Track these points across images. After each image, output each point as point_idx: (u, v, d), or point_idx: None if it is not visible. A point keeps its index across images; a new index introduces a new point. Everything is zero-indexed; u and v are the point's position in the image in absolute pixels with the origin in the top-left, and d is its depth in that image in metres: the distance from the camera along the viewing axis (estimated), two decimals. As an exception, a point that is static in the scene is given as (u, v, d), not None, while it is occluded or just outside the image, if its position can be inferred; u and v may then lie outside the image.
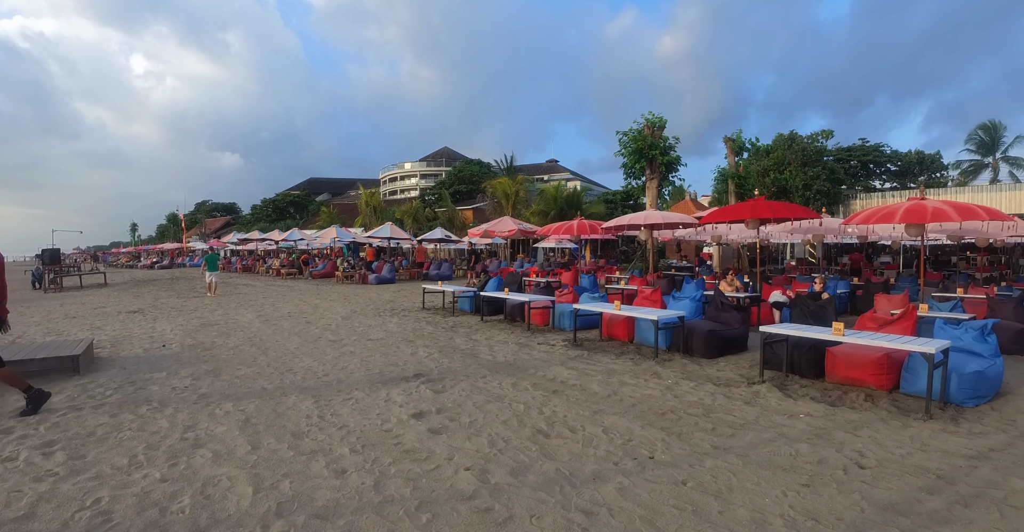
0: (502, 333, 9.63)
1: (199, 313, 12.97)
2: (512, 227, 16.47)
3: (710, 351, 7.85)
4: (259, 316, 12.13)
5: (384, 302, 14.80)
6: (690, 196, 37.20)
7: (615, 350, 8.16)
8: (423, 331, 9.79)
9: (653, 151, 20.42)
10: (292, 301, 15.38)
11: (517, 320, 11.13)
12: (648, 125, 20.90)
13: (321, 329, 10.08)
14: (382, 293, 17.53)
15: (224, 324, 10.96)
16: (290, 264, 27.06)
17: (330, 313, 12.51)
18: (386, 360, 7.35)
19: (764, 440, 4.47)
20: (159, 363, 7.31)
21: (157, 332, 10.09)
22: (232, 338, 9.23)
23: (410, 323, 10.80)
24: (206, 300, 16.08)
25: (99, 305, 15.77)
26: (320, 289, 19.41)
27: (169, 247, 55.66)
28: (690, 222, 13.06)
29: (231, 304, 14.86)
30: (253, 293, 18.26)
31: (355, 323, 10.86)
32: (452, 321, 11.07)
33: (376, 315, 12.05)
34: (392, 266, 21.39)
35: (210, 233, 69.77)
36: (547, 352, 7.97)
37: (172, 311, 13.54)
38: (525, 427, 4.72)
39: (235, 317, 12.07)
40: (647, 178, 20.96)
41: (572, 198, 33.18)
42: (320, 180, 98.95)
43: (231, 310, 13.48)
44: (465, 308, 12.56)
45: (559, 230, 14.83)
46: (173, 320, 11.78)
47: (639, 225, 13.08)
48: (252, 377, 6.46)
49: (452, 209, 37.60)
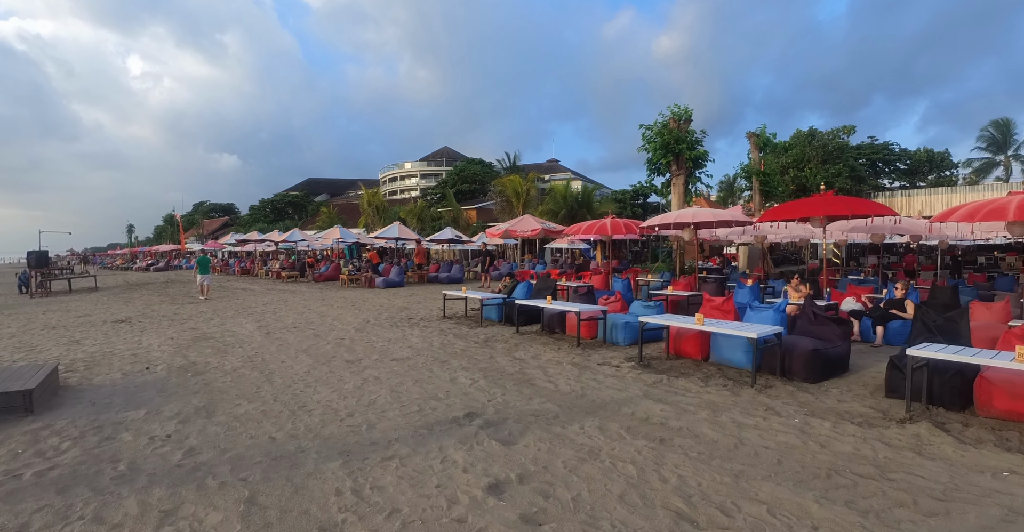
0: (547, 349, 8.13)
1: (193, 323, 11.43)
2: (535, 226, 14.99)
3: (813, 373, 6.40)
4: (260, 327, 10.60)
5: (397, 309, 13.28)
6: (703, 195, 35.81)
7: (694, 372, 6.68)
8: (454, 347, 8.28)
9: (680, 145, 18.96)
10: (295, 308, 13.84)
11: (556, 332, 9.65)
12: (674, 118, 19.44)
13: (333, 345, 8.55)
14: (392, 298, 16.01)
15: (220, 337, 9.43)
16: (291, 266, 25.47)
17: (340, 323, 10.99)
18: (422, 390, 5.84)
19: (994, 521, 3.03)
20: (139, 395, 5.78)
21: (143, 348, 8.56)
22: (229, 357, 7.70)
23: (435, 336, 9.29)
24: (201, 307, 14.53)
25: (85, 312, 14.21)
26: (324, 294, 17.86)
27: (165, 248, 53.90)
28: (744, 221, 11.62)
29: (228, 311, 13.31)
30: (252, 298, 16.71)
31: (371, 336, 9.35)
32: (483, 333, 9.57)
33: (393, 326, 10.53)
34: (400, 269, 19.86)
35: (208, 234, 67.99)
36: (615, 376, 6.49)
37: (163, 320, 11.99)
38: (655, 507, 3.23)
39: (233, 328, 10.54)
40: (673, 174, 19.49)
41: (582, 197, 31.73)
42: (319, 180, 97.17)
43: (228, 319, 11.94)
44: (492, 317, 11.06)
45: (591, 230, 13.35)
46: (163, 332, 10.24)
47: (685, 223, 11.62)
48: (256, 418, 4.94)
49: (457, 208, 36.07)
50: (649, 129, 19.42)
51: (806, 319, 7.54)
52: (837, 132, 29.19)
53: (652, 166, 19.57)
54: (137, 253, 57.29)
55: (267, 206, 69.09)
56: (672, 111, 19.17)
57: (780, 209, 10.43)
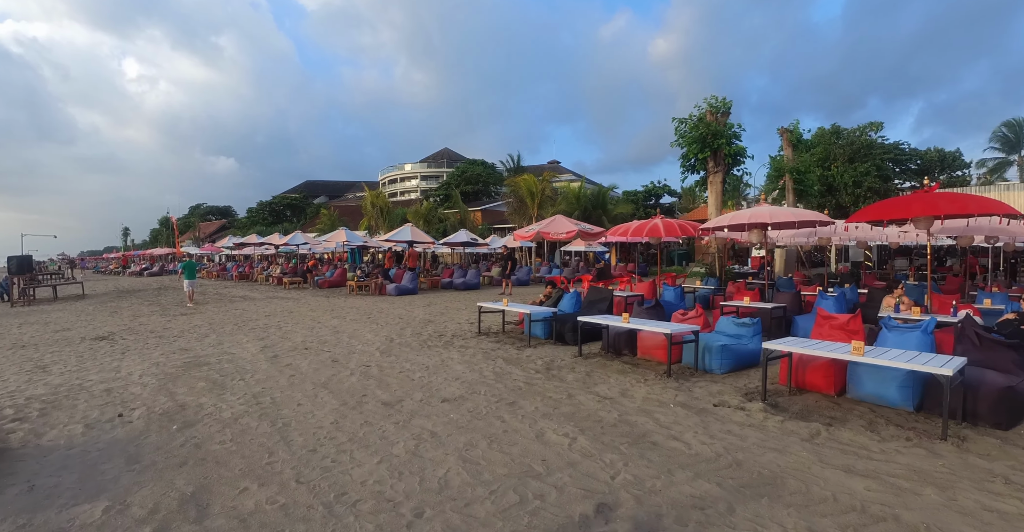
0: (631, 381, 6.39)
1: (184, 341, 9.63)
2: (570, 227, 13.27)
3: (1007, 417, 4.73)
4: (264, 347, 8.80)
5: (420, 322, 11.51)
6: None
7: (845, 416, 4.96)
8: (513, 379, 6.52)
9: (719, 140, 17.29)
10: (303, 321, 12.04)
11: (624, 353, 7.91)
12: (711, 110, 17.77)
13: (359, 376, 6.78)
14: (410, 308, 14.23)
15: (216, 364, 7.63)
16: (292, 271, 23.62)
17: (359, 342, 9.21)
18: (507, 458, 4.08)
19: None
20: (101, 468, 4.00)
21: (120, 379, 6.76)
22: (228, 395, 5.91)
23: (481, 361, 7.53)
24: (194, 320, 12.70)
25: (64, 326, 12.38)
26: (332, 303, 16.05)
27: (160, 252, 51.82)
28: (827, 221, 9.95)
29: (226, 325, 11.50)
30: (252, 309, 14.88)
31: (402, 361, 7.57)
32: (537, 357, 7.82)
33: (424, 346, 8.76)
34: (414, 274, 18.06)
35: (204, 237, 65.89)
36: (753, 425, 4.76)
37: (150, 337, 10.18)
38: None
39: (232, 349, 8.74)
40: (710, 171, 17.81)
41: (597, 198, 30.06)
42: (317, 183, 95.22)
43: (226, 336, 10.13)
44: (537, 333, 9.32)
45: (641, 231, 11.63)
46: (148, 354, 8.43)
47: (761, 223, 9.93)
48: (273, 523, 3.17)
49: (464, 210, 34.32)
50: (683, 122, 17.75)
51: (968, 343, 5.85)
52: (864, 129, 27.65)
53: (686, 163, 17.89)
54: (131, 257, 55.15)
55: (265, 208, 67.12)
56: (709, 103, 17.51)
57: (876, 209, 8.73)
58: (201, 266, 40.77)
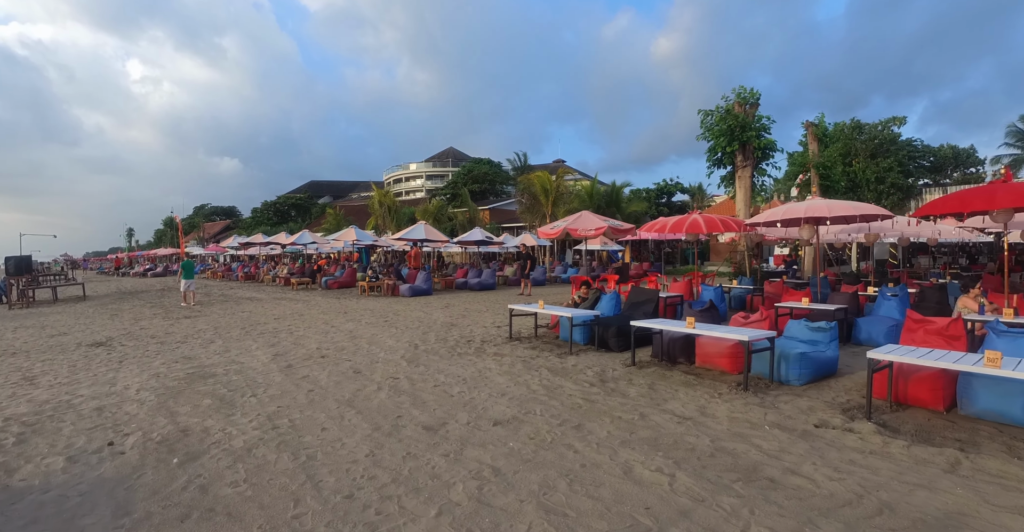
0: (704, 395, 5.48)
1: (188, 347, 8.74)
2: (599, 224, 12.36)
3: None
4: (276, 355, 7.91)
5: (443, 326, 10.61)
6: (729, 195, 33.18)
7: (972, 439, 4.06)
8: (567, 394, 5.61)
9: (748, 133, 16.38)
10: (315, 324, 11.15)
11: (680, 361, 7.01)
12: (739, 101, 16.86)
13: (388, 391, 5.88)
14: (428, 310, 13.33)
15: (224, 375, 6.74)
16: (300, 271, 22.73)
17: (380, 349, 8.31)
18: (603, 510, 3.16)
19: None
20: (78, 523, 3.10)
21: (115, 394, 5.88)
22: (239, 417, 5.02)
23: (523, 372, 6.62)
24: (198, 323, 11.82)
25: (61, 330, 11.53)
26: (344, 305, 15.16)
27: (164, 252, 50.99)
28: (886, 215, 9.03)
29: (233, 330, 10.62)
30: (260, 311, 14.00)
31: (434, 372, 6.67)
32: (584, 366, 6.91)
33: (454, 353, 7.86)
34: (428, 275, 17.15)
35: (209, 238, 65.10)
36: (871, 450, 3.86)
37: (151, 343, 9.30)
38: None
39: (240, 357, 7.85)
40: (738, 166, 16.90)
41: (611, 195, 29.12)
42: (321, 183, 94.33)
43: (233, 342, 9.25)
44: (575, 338, 8.41)
45: (680, 227, 10.70)
46: (148, 363, 7.55)
47: (820, 218, 9.02)
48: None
49: (473, 208, 33.40)
50: (709, 114, 16.84)
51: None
52: (887, 123, 26.64)
53: (712, 157, 16.98)
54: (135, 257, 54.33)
55: (270, 208, 66.23)
56: (737, 93, 16.60)
57: (954, 200, 7.80)
58: (206, 266, 39.93)
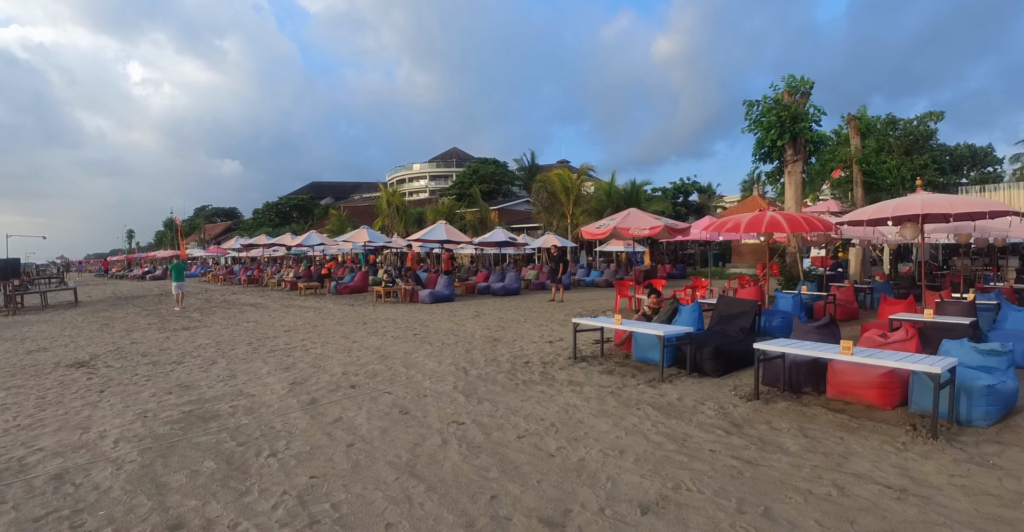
0: (881, 445, 3.88)
1: (185, 370, 7.14)
2: (653, 222, 10.79)
3: None
4: (294, 385, 6.31)
5: (484, 341, 9.01)
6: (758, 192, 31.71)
7: None
8: (704, 448, 4.02)
9: (800, 124, 14.82)
10: (333, 339, 9.56)
11: (806, 390, 5.45)
12: (788, 90, 15.31)
13: (460, 446, 4.28)
14: (457, 320, 11.73)
15: (231, 416, 5.14)
16: (307, 275, 21.10)
17: (422, 374, 6.72)
18: None
19: None
20: None
21: (84, 450, 4.29)
22: (254, 497, 3.41)
23: (624, 412, 5.02)
24: (198, 337, 10.21)
25: (41, 345, 9.94)
26: (360, 313, 13.55)
27: (164, 255, 49.22)
28: (1004, 211, 7.50)
29: (238, 345, 9.01)
30: (267, 321, 12.39)
31: (507, 413, 5.08)
32: (689, 399, 5.32)
33: (516, 381, 6.26)
34: (450, 279, 15.55)
35: (210, 239, 63.38)
36: None
37: (142, 363, 7.70)
38: None
39: (250, 387, 6.25)
40: (787, 160, 15.33)
41: (631, 194, 27.57)
42: (323, 184, 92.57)
43: (239, 362, 7.64)
44: (652, 358, 6.85)
45: (757, 225, 9.11)
46: (135, 394, 5.95)
47: (943, 214, 7.47)
48: None
49: (485, 208, 31.82)
50: (756, 105, 15.27)
51: None
52: (923, 119, 25.20)
53: (759, 150, 15.41)
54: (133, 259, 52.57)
55: (271, 209, 64.59)
56: (787, 82, 15.05)
57: None
58: (206, 269, 38.28)
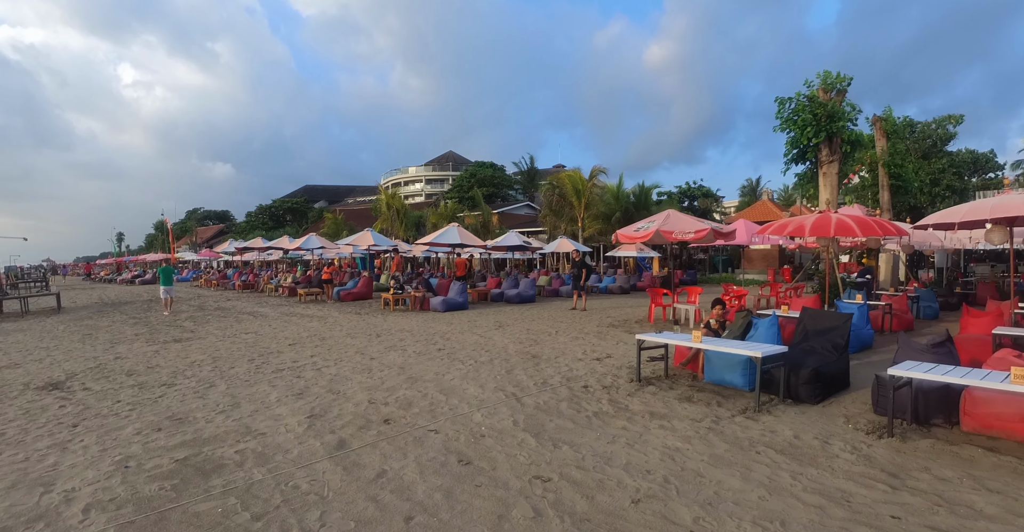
0: None
1: (178, 396, 5.93)
2: (698, 225, 9.74)
3: None
4: (313, 418, 5.14)
5: (521, 357, 7.88)
6: (768, 195, 30.81)
7: None
8: (884, 515, 2.92)
9: (837, 123, 13.86)
10: (347, 355, 8.37)
11: (936, 422, 4.37)
12: (824, 87, 14.37)
13: (558, 517, 3.14)
14: (481, 331, 10.58)
15: (238, 467, 3.96)
16: (306, 280, 19.83)
17: (467, 403, 5.57)
18: None
19: None
20: None
21: (42, 522, 3.10)
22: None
23: (741, 457, 3.90)
24: (191, 350, 8.97)
25: (13, 360, 8.69)
26: (370, 323, 12.35)
27: (154, 258, 47.61)
28: None
29: (238, 363, 7.79)
30: (269, 332, 11.17)
31: (596, 460, 3.94)
32: (811, 436, 4.21)
33: (583, 412, 5.13)
34: (463, 286, 14.39)
35: (202, 243, 61.71)
36: None
37: (126, 385, 6.48)
38: None
39: (258, 421, 5.06)
40: (823, 161, 14.36)
41: (640, 197, 26.57)
42: (316, 187, 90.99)
43: (242, 385, 6.45)
44: (732, 381, 5.77)
45: (824, 228, 8.07)
46: (116, 432, 4.75)
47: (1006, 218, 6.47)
48: None
49: (487, 211, 30.69)
50: (788, 102, 14.30)
51: None
52: (942, 122, 24.43)
53: (792, 150, 14.43)
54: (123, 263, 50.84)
55: (265, 212, 63.00)
56: (822, 79, 14.10)
57: None
58: (198, 273, 36.82)
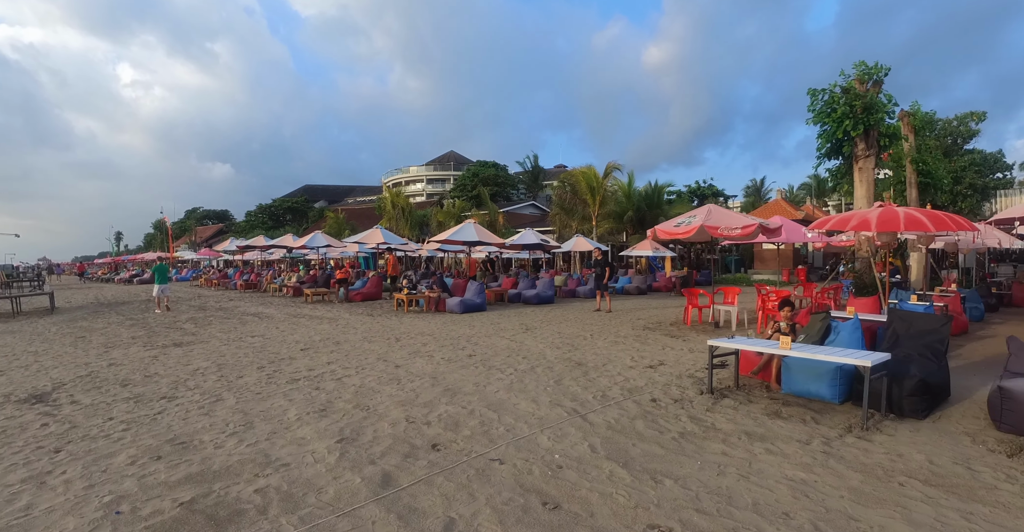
0: None
1: (180, 411, 5.06)
2: (746, 221, 8.93)
3: None
4: (343, 443, 4.28)
5: (565, 365, 7.03)
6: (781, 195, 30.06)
7: None
8: None
9: (875, 115, 13.06)
10: (368, 361, 7.51)
11: None
12: (860, 78, 13.58)
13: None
14: (509, 335, 9.73)
15: (258, 506, 3.10)
16: (312, 280, 18.93)
17: (526, 423, 4.71)
18: None
19: None
20: None
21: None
22: None
23: (886, 490, 3.05)
24: (193, 356, 8.09)
25: (-5, 366, 7.77)
26: (387, 325, 11.49)
27: (152, 257, 46.57)
28: None
29: (247, 371, 6.92)
30: (277, 335, 10.30)
31: (716, 500, 3.08)
32: (947, 461, 3.37)
33: (665, 432, 4.28)
34: (481, 286, 13.52)
35: (201, 242, 60.68)
36: None
37: (120, 398, 5.60)
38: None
39: (277, 447, 4.19)
40: (859, 155, 13.55)
41: (651, 196, 25.77)
42: (316, 187, 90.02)
43: (253, 399, 5.57)
44: (818, 393, 4.96)
45: (892, 222, 7.26)
46: (107, 450, 3.88)
47: None
48: None
49: (494, 210, 29.84)
50: (822, 93, 13.49)
51: None
52: (963, 118, 23.70)
53: (825, 144, 13.62)
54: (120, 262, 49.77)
55: (264, 212, 62.02)
56: (859, 69, 13.29)
57: None
58: (198, 273, 35.88)
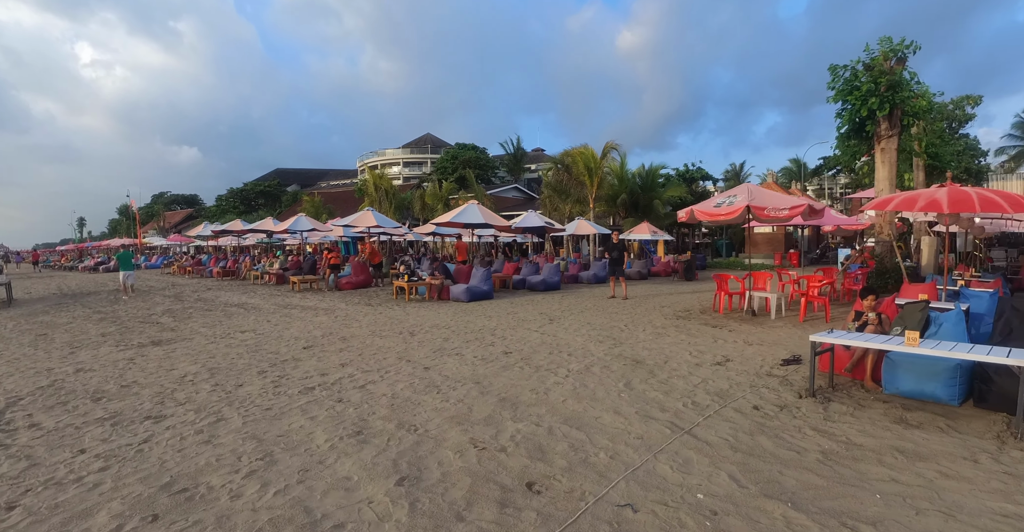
0: None
1: (172, 437, 3.91)
2: (795, 201, 8.06)
3: None
4: (404, 486, 3.21)
5: (621, 363, 6.07)
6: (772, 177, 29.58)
7: None
8: None
9: (900, 94, 12.33)
10: (390, 363, 6.43)
11: None
12: (885, 55, 12.80)
13: None
14: (534, 325, 8.73)
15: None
16: (296, 265, 17.52)
17: (622, 442, 3.71)
18: None
19: None
20: None
21: None
22: None
23: None
24: (176, 356, 6.85)
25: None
26: (392, 317, 10.36)
27: (119, 243, 43.89)
28: None
29: (245, 378, 5.75)
30: (270, 331, 9.08)
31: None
32: None
33: (795, 449, 3.34)
34: (487, 272, 12.46)
35: (170, 228, 57.73)
36: None
37: (93, 419, 4.40)
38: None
39: (314, 492, 3.11)
40: (881, 135, 12.83)
41: (645, 179, 24.92)
42: (288, 171, 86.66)
43: (262, 418, 4.45)
44: (933, 393, 4.14)
45: (962, 203, 6.43)
46: (80, 507, 2.74)
47: None
48: None
49: (481, 192, 28.61)
50: (844, 69, 12.68)
51: None
52: (959, 102, 23.39)
53: (847, 123, 12.86)
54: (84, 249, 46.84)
55: (236, 196, 59.26)
56: (883, 46, 12.50)
57: None
58: (169, 259, 33.80)
